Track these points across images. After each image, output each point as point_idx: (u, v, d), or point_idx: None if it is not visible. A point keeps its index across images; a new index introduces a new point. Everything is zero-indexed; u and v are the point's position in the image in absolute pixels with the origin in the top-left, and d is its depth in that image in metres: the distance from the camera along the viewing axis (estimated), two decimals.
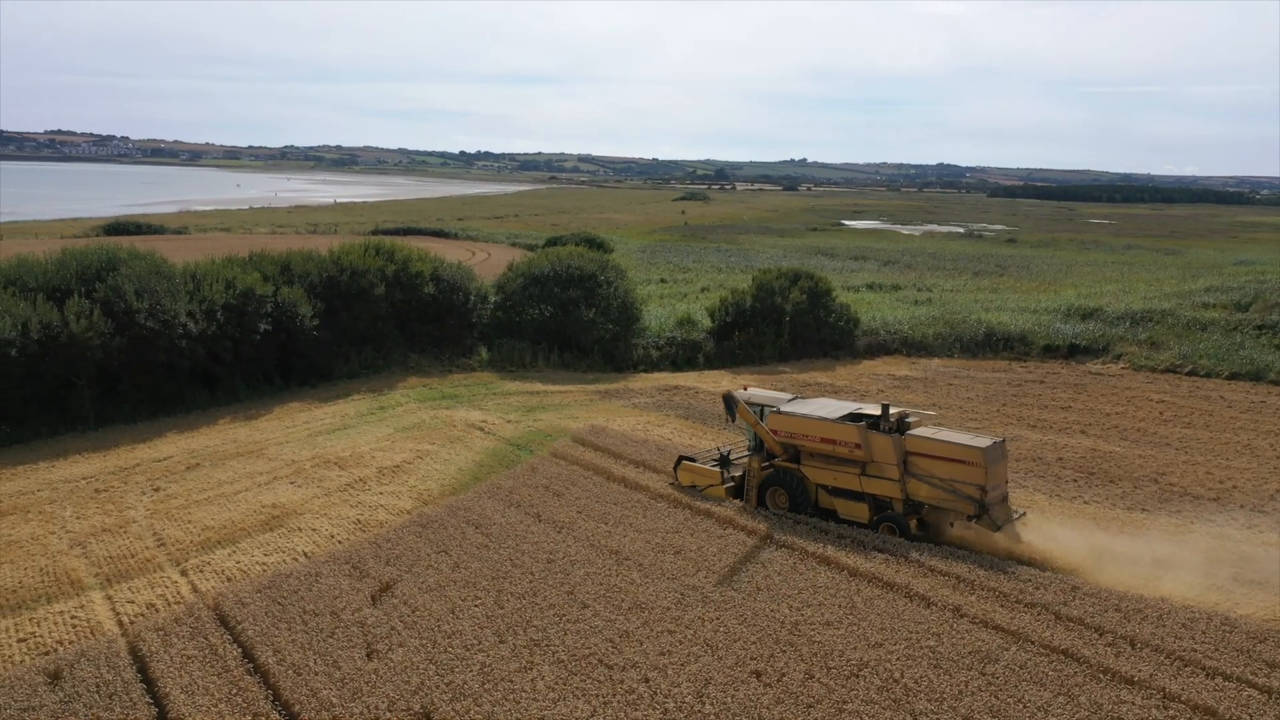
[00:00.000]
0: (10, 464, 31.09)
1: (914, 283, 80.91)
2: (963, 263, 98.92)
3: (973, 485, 23.83)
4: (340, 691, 17.20)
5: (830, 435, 25.70)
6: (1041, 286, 78.91)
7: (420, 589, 21.54)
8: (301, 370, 43.24)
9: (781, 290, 53.34)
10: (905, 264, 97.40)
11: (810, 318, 52.60)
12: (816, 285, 54.21)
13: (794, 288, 53.56)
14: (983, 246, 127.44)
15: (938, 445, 24.62)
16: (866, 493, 25.45)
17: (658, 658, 18.51)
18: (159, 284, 38.75)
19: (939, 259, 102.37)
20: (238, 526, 25.91)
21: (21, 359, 34.14)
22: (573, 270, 52.03)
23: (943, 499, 24.45)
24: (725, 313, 53.17)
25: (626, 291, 53.28)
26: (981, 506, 23.83)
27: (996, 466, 24.09)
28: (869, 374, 47.64)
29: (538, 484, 29.06)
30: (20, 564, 23.26)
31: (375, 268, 47.39)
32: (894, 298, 71.80)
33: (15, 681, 17.45)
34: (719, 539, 24.65)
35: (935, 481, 24.45)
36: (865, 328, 55.04)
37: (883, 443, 24.93)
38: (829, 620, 20.10)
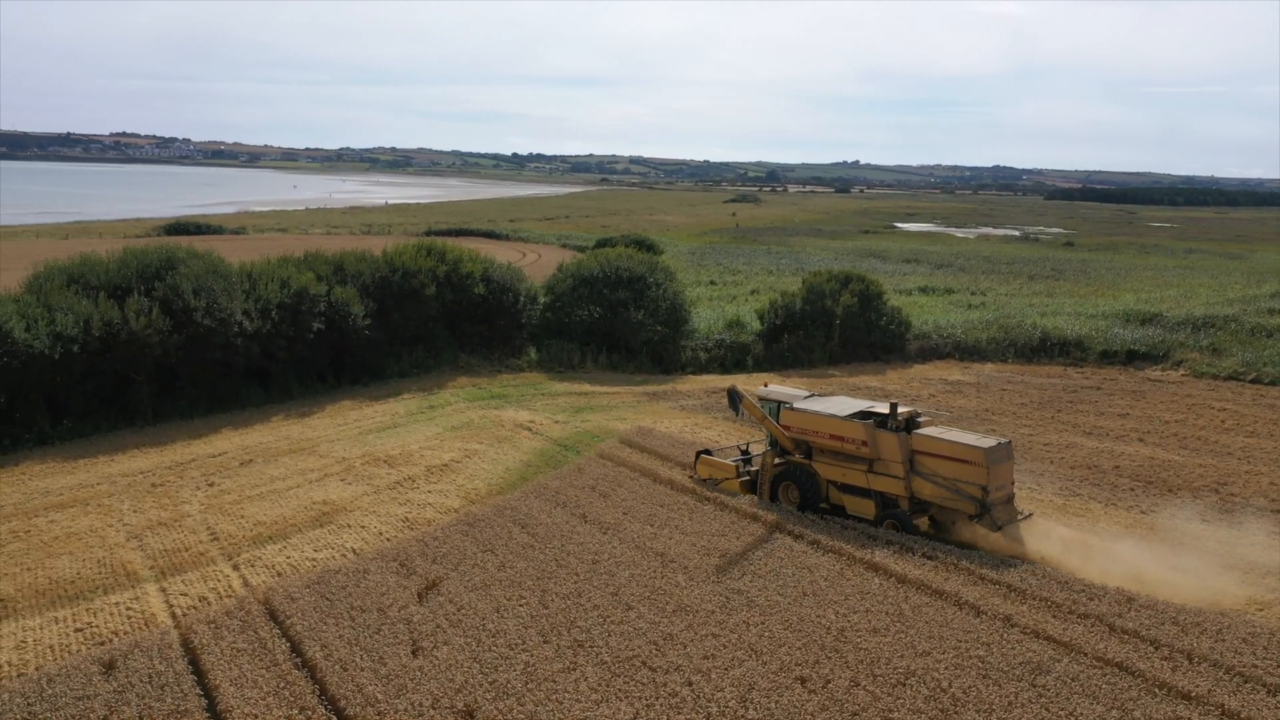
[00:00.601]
0: (71, 458, 31.85)
1: (967, 286, 79.78)
2: (1018, 266, 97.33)
3: (975, 485, 24.11)
4: (385, 688, 17.34)
5: (839, 432, 26.23)
6: (1099, 291, 77.36)
7: (466, 587, 21.66)
8: (353, 369, 43.77)
9: (832, 293, 52.91)
10: (959, 267, 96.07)
11: (861, 321, 52.09)
12: (868, 288, 53.69)
13: (845, 290, 53.09)
14: (1039, 250, 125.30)
15: (942, 445, 24.89)
16: (873, 489, 25.86)
17: (701, 661, 18.41)
18: (216, 283, 39.46)
19: (993, 262, 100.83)
20: (289, 522, 26.28)
21: (83, 355, 34.98)
22: (622, 272, 52.07)
23: (946, 498, 24.78)
24: (775, 315, 52.84)
25: (675, 293, 53.20)
26: (983, 506, 24.09)
27: (1000, 467, 24.32)
28: (920, 378, 47.06)
29: (584, 485, 29.10)
30: (79, 555, 23.80)
31: (427, 268, 47.83)
32: (947, 301, 70.86)
33: (71, 671, 17.83)
34: (765, 543, 24.48)
35: (939, 480, 24.78)
36: (917, 331, 54.38)
37: (889, 441, 25.40)
38: (876, 627, 19.84)
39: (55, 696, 16.87)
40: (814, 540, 24.53)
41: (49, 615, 20.70)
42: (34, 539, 24.79)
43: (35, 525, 25.74)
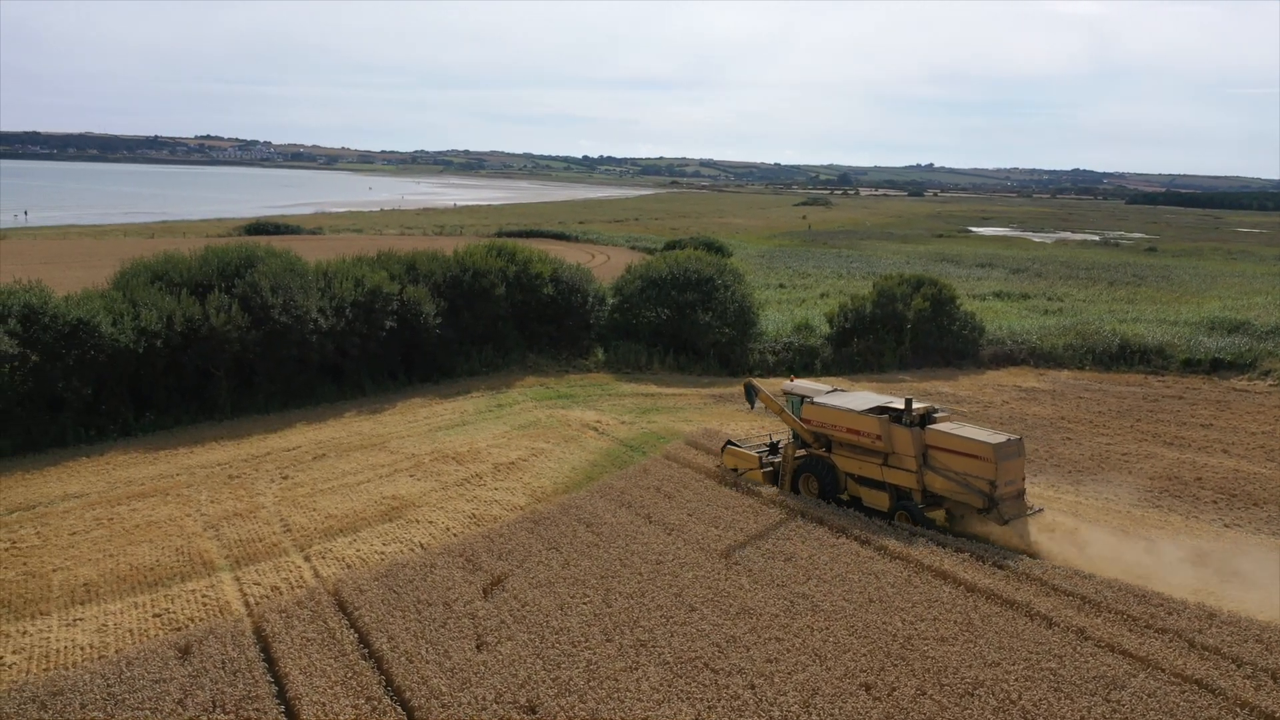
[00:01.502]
0: (153, 449, 32.83)
1: (1044, 291, 78.00)
2: (1097, 272, 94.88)
3: (983, 480, 24.67)
4: (450, 681, 17.53)
5: (855, 426, 27.01)
6: (1183, 298, 75.03)
7: (530, 584, 21.80)
8: (424, 366, 44.40)
9: (903, 297, 52.15)
10: (1035, 272, 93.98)
11: (933, 325, 51.26)
12: (940, 292, 52.81)
13: (917, 294, 52.30)
14: (1119, 255, 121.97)
15: (954, 440, 25.46)
16: (887, 482, 26.58)
17: (764, 664, 18.26)
18: (293, 281, 40.37)
19: (1071, 267, 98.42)
20: (359, 516, 26.75)
21: (166, 350, 36.06)
22: (690, 274, 52.00)
23: (955, 491, 25.36)
24: (844, 319, 52.27)
25: (744, 296, 52.94)
26: (991, 500, 24.61)
27: (1009, 463, 24.76)
28: (993, 385, 46.12)
29: (649, 485, 29.10)
30: (158, 544, 24.51)
31: (497, 268, 48.34)
32: (1022, 307, 69.36)
33: (149, 654, 18.37)
34: (831, 547, 24.21)
35: (950, 475, 25.38)
36: (991, 337, 53.31)
37: (903, 435, 26.06)
38: (944, 636, 19.47)
39: (133, 679, 17.39)
40: (881, 546, 24.19)
41: (129, 600, 21.36)
42: (117, 526, 25.61)
43: (118, 513, 26.59)
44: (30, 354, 32.99)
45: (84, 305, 35.28)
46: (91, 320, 34.27)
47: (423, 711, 16.61)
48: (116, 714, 16.30)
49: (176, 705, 16.60)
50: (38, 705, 16.52)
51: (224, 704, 16.69)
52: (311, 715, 16.41)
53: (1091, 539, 24.57)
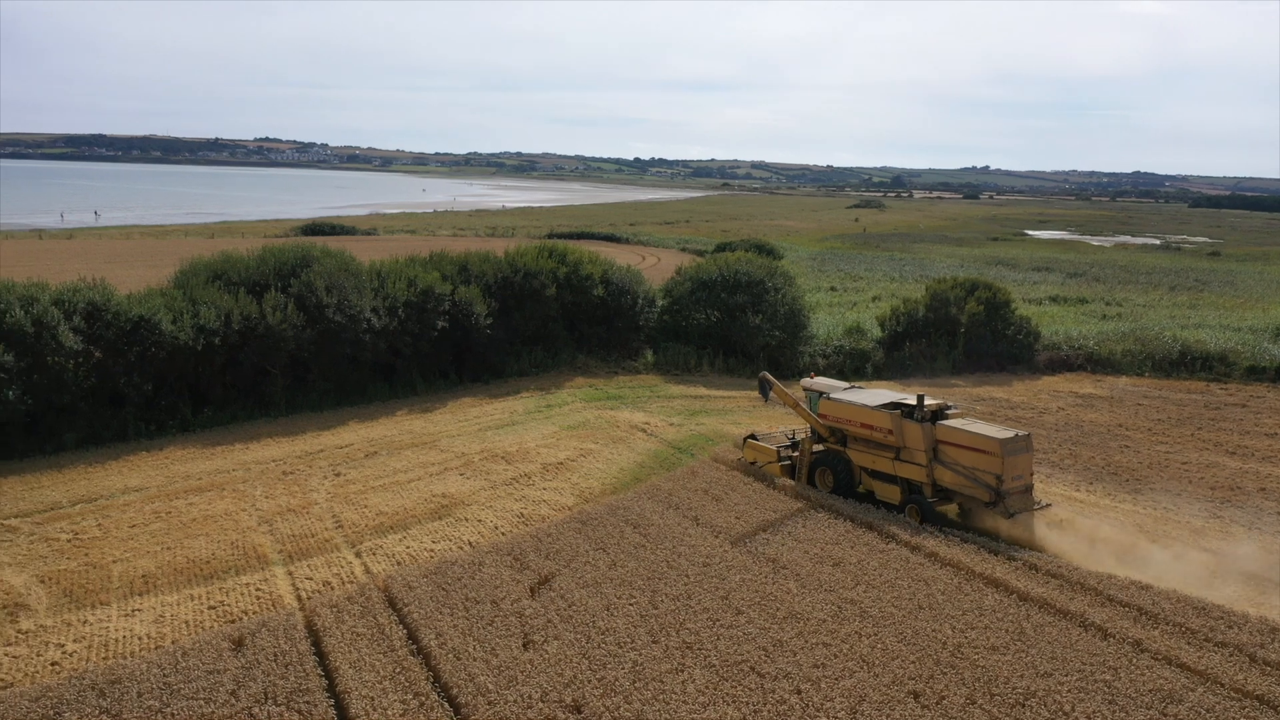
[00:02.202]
0: (210, 444, 33.49)
1: (1102, 296, 76.53)
2: (1158, 276, 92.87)
3: (990, 474, 25.22)
4: (496, 678, 17.63)
5: (869, 421, 27.69)
6: (1247, 304, 73.13)
7: (578, 584, 21.86)
8: (474, 366, 44.76)
9: (957, 300, 51.48)
10: (1093, 276, 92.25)
11: (987, 330, 50.51)
12: (995, 296, 52.03)
13: (970, 298, 51.59)
14: (1181, 260, 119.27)
15: (962, 435, 25.98)
16: (899, 476, 27.22)
17: (811, 670, 18.12)
18: (347, 281, 40.93)
19: (1131, 272, 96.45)
20: (409, 513, 27.03)
21: (224, 348, 36.76)
22: (740, 276, 51.80)
23: (964, 485, 25.90)
24: (896, 322, 51.74)
25: (794, 298, 52.62)
26: (997, 494, 25.15)
27: (1015, 458, 25.25)
28: (1049, 390, 45.32)
29: (697, 487, 29.04)
30: (214, 537, 24.99)
31: (547, 269, 48.58)
32: (1079, 311, 68.10)
33: (204, 646, 18.73)
34: (880, 553, 23.95)
35: (959, 469, 25.91)
36: (1047, 342, 52.40)
37: (914, 430, 26.65)
38: (994, 645, 19.16)
39: (188, 669, 17.74)
40: (931, 552, 23.89)
41: (185, 592, 21.80)
42: (174, 520, 26.15)
43: (176, 507, 27.16)
44: (94, 350, 33.85)
45: (145, 303, 36.10)
46: (152, 318, 35.06)
47: (469, 708, 16.73)
48: (171, 704, 16.63)
49: (230, 696, 16.90)
50: (97, 693, 16.92)
51: (275, 696, 16.96)
52: (361, 709, 16.61)
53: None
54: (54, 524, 25.68)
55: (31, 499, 27.55)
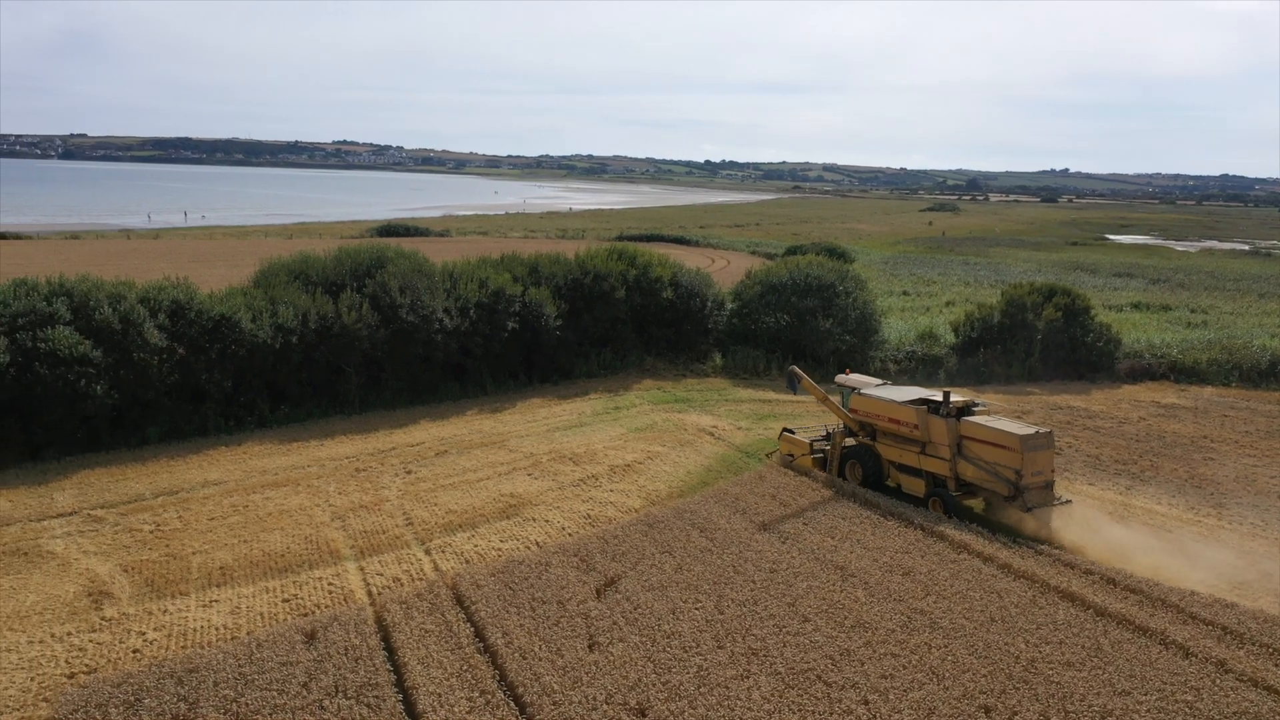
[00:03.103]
0: (286, 440, 34.24)
1: (1186, 303, 74.14)
2: (1246, 283, 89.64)
3: (1010, 469, 25.89)
4: (562, 679, 17.70)
5: (896, 416, 28.67)
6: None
7: (643, 587, 21.85)
8: (543, 367, 45.07)
9: (1034, 306, 50.33)
10: (1177, 283, 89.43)
11: (1065, 337, 49.26)
12: (1074, 302, 50.74)
13: (1048, 304, 50.40)
14: (1271, 265, 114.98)
15: (984, 431, 26.67)
16: (924, 470, 28.17)
17: (879, 680, 17.84)
18: (420, 281, 41.54)
19: (1218, 278, 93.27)
20: (478, 512, 27.31)
21: (300, 346, 37.58)
22: (811, 280, 51.36)
23: (985, 479, 26.65)
24: (971, 328, 50.77)
25: (866, 303, 52.01)
26: (1016, 489, 25.84)
27: (1035, 454, 25.82)
28: (1129, 400, 44.04)
29: (765, 492, 28.83)
30: (289, 532, 25.54)
31: (617, 272, 48.72)
32: (1162, 319, 66.06)
33: (277, 638, 19.14)
34: (951, 563, 23.50)
35: (981, 463, 26.65)
36: (1127, 350, 50.93)
37: (939, 425, 27.52)
38: (1070, 661, 18.65)
39: (262, 660, 18.15)
40: (1004, 564, 23.36)
41: (260, 585, 22.31)
42: (251, 514, 26.80)
43: (253, 501, 27.83)
44: (177, 347, 34.86)
45: (227, 302, 37.08)
46: (233, 316, 36.00)
47: (535, 708, 16.81)
48: (246, 694, 17.02)
49: (301, 688, 17.23)
50: (175, 681, 17.39)
51: (345, 689, 17.24)
52: (428, 705, 16.80)
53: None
54: (137, 515, 26.51)
55: (117, 490, 28.48)
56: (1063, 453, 34.02)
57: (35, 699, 17.28)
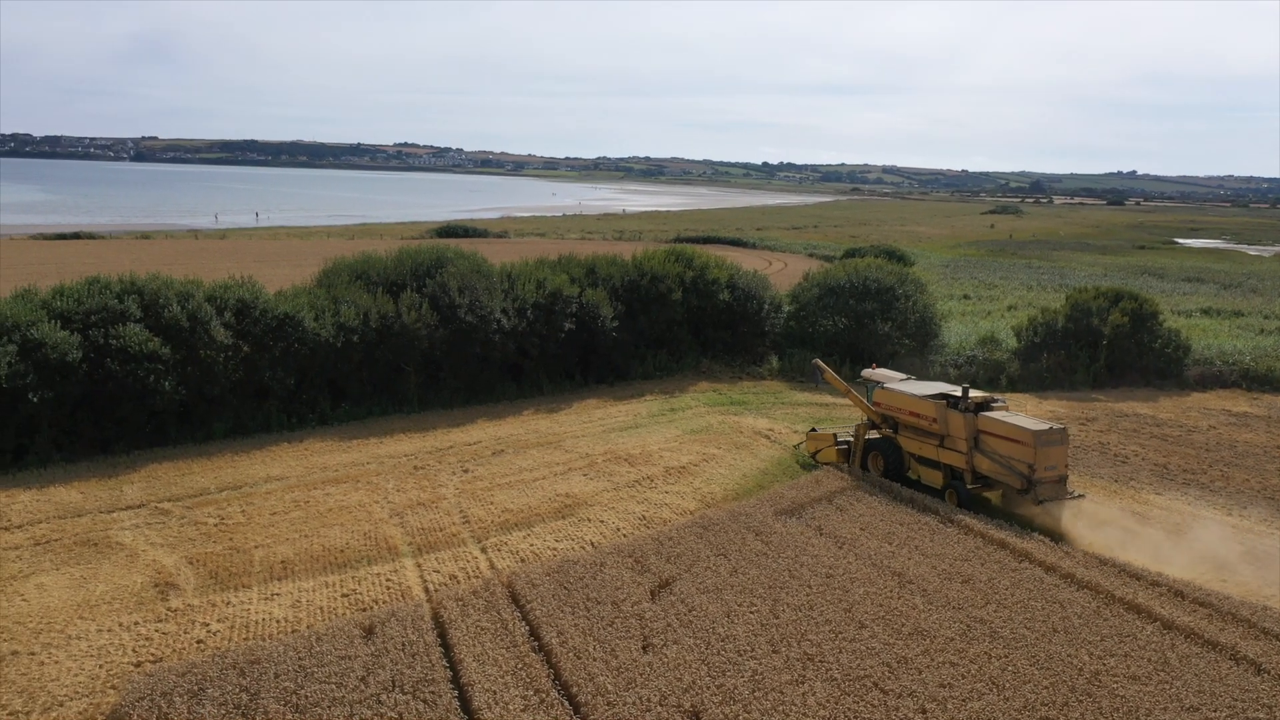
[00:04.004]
0: (347, 437, 34.76)
1: (1260, 309, 71.93)
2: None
3: (1023, 463, 26.72)
4: (616, 679, 17.70)
5: (916, 410, 29.72)
6: None
7: (698, 589, 21.77)
8: (599, 368, 45.18)
9: (1099, 311, 49.22)
10: (1250, 288, 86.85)
11: (1131, 342, 48.08)
12: (1141, 307, 49.50)
13: (1114, 309, 49.23)
14: None
15: (1000, 425, 27.54)
16: (942, 462, 29.09)
17: (937, 689, 17.57)
18: (479, 282, 41.91)
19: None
20: (533, 511, 27.45)
21: (361, 345, 38.13)
22: (870, 282, 50.82)
23: (1000, 473, 27.51)
24: (1034, 333, 49.78)
25: (926, 306, 51.31)
26: (1029, 482, 26.64)
27: (1048, 449, 26.60)
28: (1199, 408, 42.87)
29: (821, 496, 28.57)
30: (349, 527, 25.92)
31: (674, 273, 48.67)
32: (1234, 325, 64.14)
33: (336, 632, 19.41)
34: (1013, 572, 23.07)
35: (996, 457, 27.51)
36: (1197, 356, 49.57)
37: (957, 419, 28.47)
38: (1135, 674, 18.20)
39: (321, 654, 18.42)
40: (1068, 573, 22.87)
41: (320, 579, 22.66)
42: (312, 509, 27.25)
43: (313, 497, 28.29)
44: (242, 345, 35.57)
45: (290, 301, 37.77)
46: (296, 315, 36.65)
47: (589, 708, 16.84)
48: (305, 686, 17.29)
49: (359, 682, 17.46)
50: (237, 672, 17.73)
51: (402, 685, 17.43)
52: (483, 702, 16.91)
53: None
54: (202, 509, 27.10)
55: (183, 484, 29.14)
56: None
57: (104, 686, 17.74)
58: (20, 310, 32.10)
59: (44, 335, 31.07)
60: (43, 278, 41.79)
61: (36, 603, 21.03)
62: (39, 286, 35.30)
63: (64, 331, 31.76)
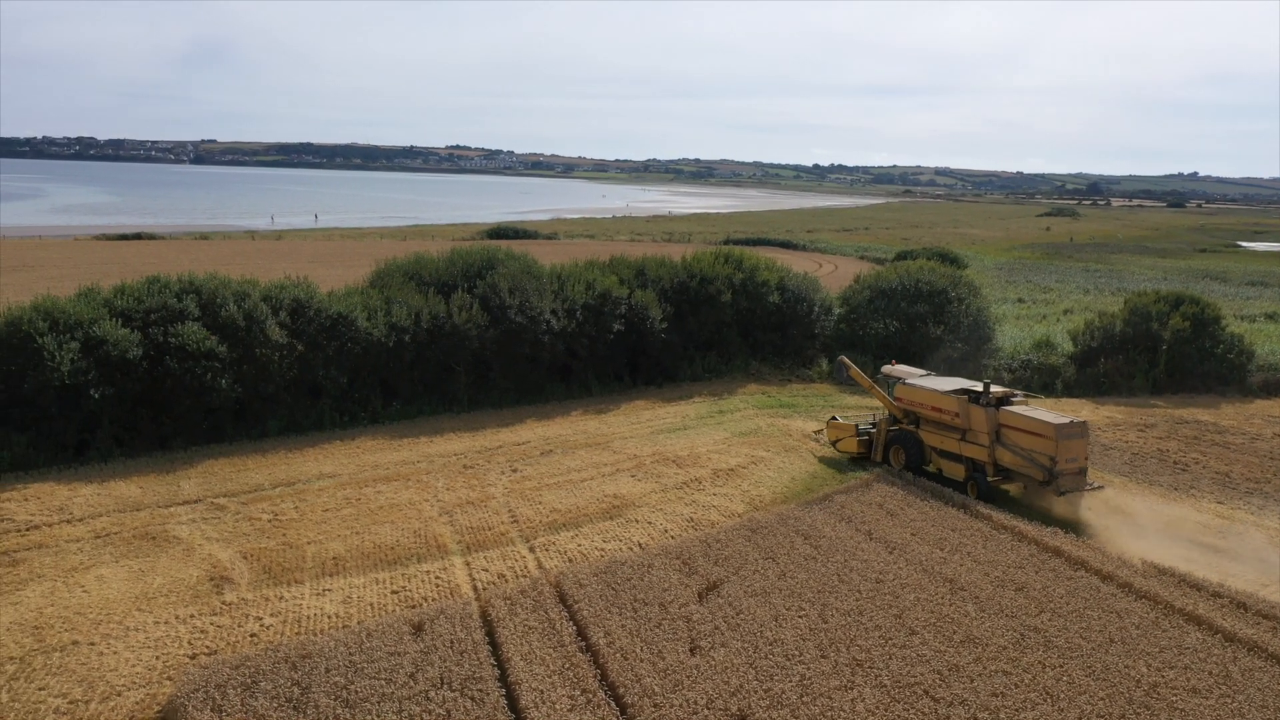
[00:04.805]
0: (398, 436, 35.11)
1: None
2: None
3: (1045, 455, 27.55)
4: (663, 681, 17.64)
5: (938, 405, 30.60)
6: None
7: (745, 592, 21.64)
8: (648, 370, 45.16)
9: (1159, 315, 48.15)
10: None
11: (1192, 348, 46.96)
12: (1203, 312, 48.34)
13: (1175, 313, 48.13)
14: None
15: (1022, 420, 28.37)
16: (964, 455, 29.88)
17: (989, 698, 17.26)
18: (529, 283, 42.12)
19: None
20: (581, 512, 27.49)
21: (413, 345, 38.51)
22: (922, 285, 50.25)
23: (1022, 465, 28.30)
24: (1090, 337, 48.83)
25: (979, 309, 50.60)
26: (1050, 474, 27.42)
27: (1069, 443, 27.35)
28: (1263, 415, 41.73)
29: (871, 501, 28.27)
30: (399, 525, 26.16)
31: (723, 275, 48.52)
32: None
33: (386, 628, 19.59)
34: (1067, 580, 22.61)
35: (1018, 450, 28.35)
36: (1261, 362, 48.28)
37: (979, 414, 29.30)
38: (1195, 687, 17.73)
39: (371, 650, 18.59)
40: (1125, 583, 22.36)
41: (371, 576, 22.90)
42: (363, 506, 27.55)
43: (365, 494, 28.61)
44: (296, 344, 36.09)
45: (344, 301, 38.25)
46: (350, 315, 37.11)
47: (635, 709, 16.79)
48: (355, 681, 17.45)
49: (408, 679, 17.58)
50: (289, 665, 17.96)
51: (450, 682, 17.52)
52: (530, 701, 16.95)
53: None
54: (257, 504, 27.53)
55: (238, 480, 29.63)
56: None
57: (160, 677, 18.08)
58: (83, 308, 32.89)
59: (106, 333, 31.82)
60: (105, 277, 42.77)
61: (96, 594, 21.51)
62: (102, 285, 36.11)
63: (125, 329, 32.50)
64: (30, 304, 32.76)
